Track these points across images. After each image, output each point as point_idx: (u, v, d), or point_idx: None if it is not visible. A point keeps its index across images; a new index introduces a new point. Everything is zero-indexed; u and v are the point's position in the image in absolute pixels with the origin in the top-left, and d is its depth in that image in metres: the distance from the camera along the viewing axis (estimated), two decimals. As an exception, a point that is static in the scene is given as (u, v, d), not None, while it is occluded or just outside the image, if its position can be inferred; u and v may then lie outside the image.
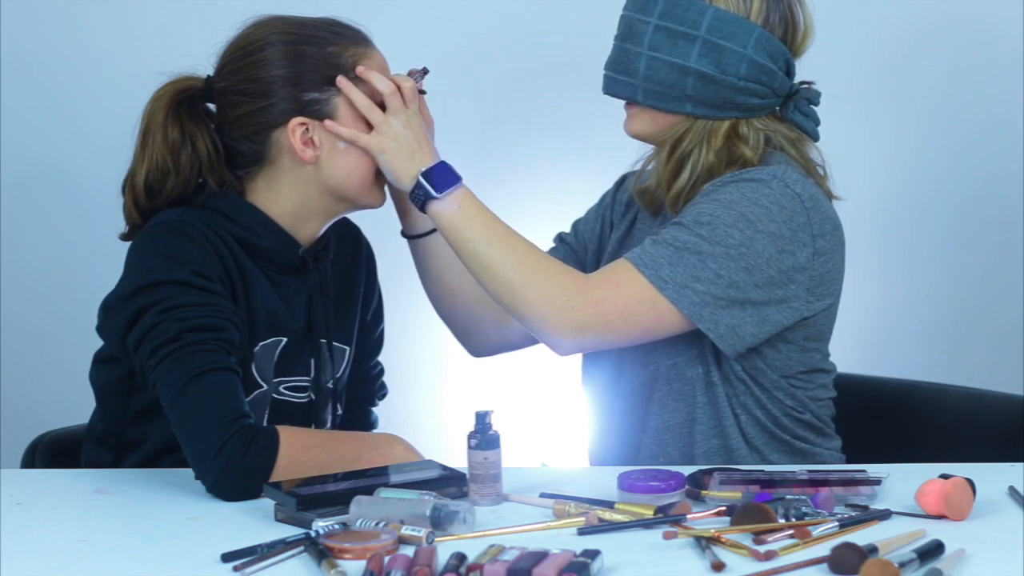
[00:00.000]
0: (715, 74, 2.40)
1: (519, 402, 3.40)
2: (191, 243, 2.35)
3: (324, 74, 2.39)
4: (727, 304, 2.36)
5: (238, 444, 2.22)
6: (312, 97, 2.39)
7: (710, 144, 2.44)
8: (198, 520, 2.15)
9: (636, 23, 2.44)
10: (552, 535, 2.05)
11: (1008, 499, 2.16)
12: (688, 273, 2.35)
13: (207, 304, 2.31)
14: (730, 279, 2.35)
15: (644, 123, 2.48)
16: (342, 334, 2.55)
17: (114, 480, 2.34)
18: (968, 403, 2.68)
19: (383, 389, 2.72)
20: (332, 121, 2.38)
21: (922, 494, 2.09)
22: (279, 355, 2.44)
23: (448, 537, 2.03)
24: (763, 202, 2.37)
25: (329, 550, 1.96)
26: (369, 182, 2.43)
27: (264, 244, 2.42)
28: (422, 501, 2.07)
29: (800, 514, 2.05)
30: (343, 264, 2.58)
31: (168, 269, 2.32)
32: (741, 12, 2.41)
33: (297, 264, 2.46)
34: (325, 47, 2.40)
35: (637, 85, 2.44)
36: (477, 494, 2.19)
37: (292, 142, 2.39)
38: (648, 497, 2.14)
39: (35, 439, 2.66)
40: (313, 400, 2.50)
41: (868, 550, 1.90)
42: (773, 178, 2.39)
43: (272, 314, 2.43)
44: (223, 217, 2.41)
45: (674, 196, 2.47)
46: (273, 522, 2.13)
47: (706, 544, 1.97)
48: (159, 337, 2.28)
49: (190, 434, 2.26)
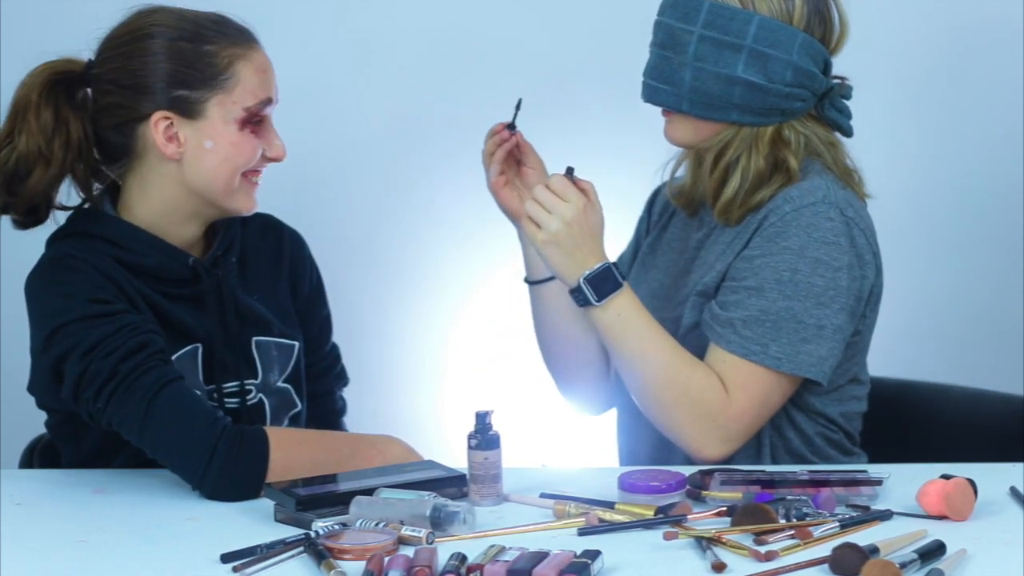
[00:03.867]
0: (763, 83, 2.38)
1: (519, 402, 3.39)
2: (76, 274, 2.31)
3: (198, 72, 2.36)
4: (827, 343, 2.37)
5: (227, 445, 2.22)
6: (181, 94, 2.35)
7: (757, 150, 2.42)
8: (197, 520, 2.15)
9: (679, 32, 2.40)
10: (552, 535, 2.05)
11: (1009, 499, 2.16)
12: (795, 338, 2.36)
13: (121, 328, 2.27)
14: (830, 324, 2.37)
15: (686, 131, 2.45)
16: (282, 330, 2.50)
17: (113, 480, 2.34)
18: (969, 403, 2.67)
19: (343, 377, 2.66)
20: None
21: (923, 494, 2.09)
22: (203, 363, 2.41)
23: (448, 537, 2.02)
24: (830, 238, 2.38)
25: (329, 550, 1.96)
26: (233, 187, 2.37)
27: (150, 263, 2.38)
28: (422, 501, 2.07)
29: (801, 514, 2.05)
30: (263, 263, 2.54)
31: (67, 309, 2.29)
32: (784, 18, 2.39)
33: (189, 276, 2.41)
34: (202, 45, 2.36)
35: (682, 95, 2.40)
36: (477, 494, 2.19)
37: (155, 136, 2.35)
38: (648, 497, 2.13)
39: (34, 439, 2.65)
40: (254, 405, 2.45)
41: (869, 551, 1.89)
42: (824, 203, 2.39)
43: (177, 324, 2.38)
44: (103, 241, 2.37)
45: (725, 205, 2.44)
46: (273, 522, 2.13)
47: (707, 545, 1.96)
48: (96, 379, 2.25)
49: (173, 452, 2.24)
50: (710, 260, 2.47)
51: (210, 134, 2.36)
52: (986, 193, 3.50)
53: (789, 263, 2.37)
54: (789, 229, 2.38)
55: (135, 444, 2.27)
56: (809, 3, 2.41)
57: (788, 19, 2.39)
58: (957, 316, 3.53)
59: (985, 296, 3.51)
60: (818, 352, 2.36)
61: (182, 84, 2.36)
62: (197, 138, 2.36)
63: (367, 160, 2.55)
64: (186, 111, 2.36)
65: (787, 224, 2.39)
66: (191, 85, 2.36)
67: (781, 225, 2.39)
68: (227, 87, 2.36)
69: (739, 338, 2.36)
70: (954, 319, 3.53)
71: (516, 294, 3.53)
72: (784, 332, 2.36)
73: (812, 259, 2.37)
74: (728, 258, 2.43)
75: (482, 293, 3.54)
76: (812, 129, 2.46)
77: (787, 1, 2.40)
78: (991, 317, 3.51)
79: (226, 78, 2.36)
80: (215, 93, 2.36)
